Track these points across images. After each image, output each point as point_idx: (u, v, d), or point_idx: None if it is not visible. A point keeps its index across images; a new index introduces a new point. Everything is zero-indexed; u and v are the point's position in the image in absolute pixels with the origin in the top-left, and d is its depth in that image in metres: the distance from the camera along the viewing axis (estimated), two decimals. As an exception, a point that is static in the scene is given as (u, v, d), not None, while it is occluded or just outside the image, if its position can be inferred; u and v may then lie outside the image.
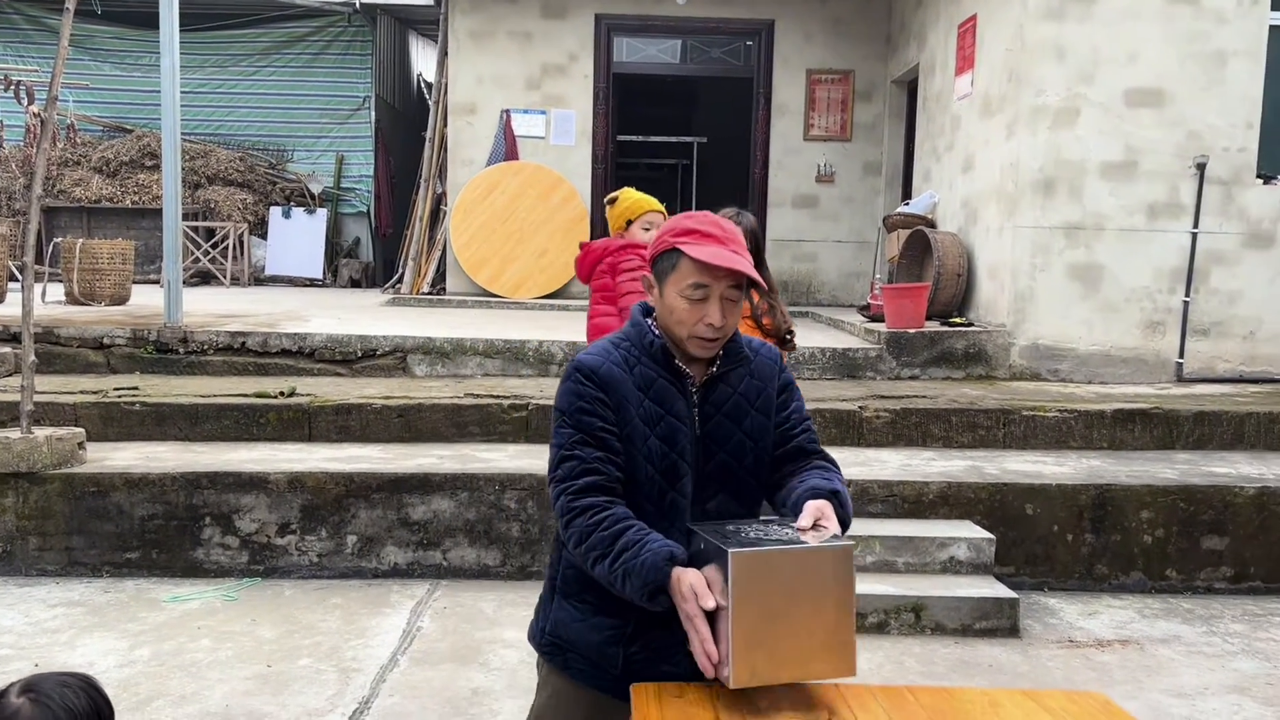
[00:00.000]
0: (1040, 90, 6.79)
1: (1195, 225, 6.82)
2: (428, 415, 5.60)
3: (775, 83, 10.21)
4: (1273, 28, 6.84)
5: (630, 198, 3.82)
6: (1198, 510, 5.04)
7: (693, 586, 1.66)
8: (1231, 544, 5.05)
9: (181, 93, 6.69)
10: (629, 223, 3.81)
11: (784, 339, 3.32)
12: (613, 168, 10.34)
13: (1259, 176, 6.90)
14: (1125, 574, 5.05)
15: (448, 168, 10.15)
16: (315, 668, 3.88)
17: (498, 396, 5.78)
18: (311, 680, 3.77)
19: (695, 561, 1.75)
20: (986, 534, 4.81)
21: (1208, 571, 5.06)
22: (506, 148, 9.88)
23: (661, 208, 3.76)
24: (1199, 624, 4.63)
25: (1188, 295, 6.84)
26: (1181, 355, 6.87)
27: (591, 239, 10.63)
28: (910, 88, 9.76)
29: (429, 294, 10.01)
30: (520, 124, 9.93)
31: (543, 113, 9.98)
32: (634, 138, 12.52)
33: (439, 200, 10.45)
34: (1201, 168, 6.78)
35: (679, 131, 13.40)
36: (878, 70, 10.19)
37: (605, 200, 3.68)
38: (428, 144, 10.59)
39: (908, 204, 8.74)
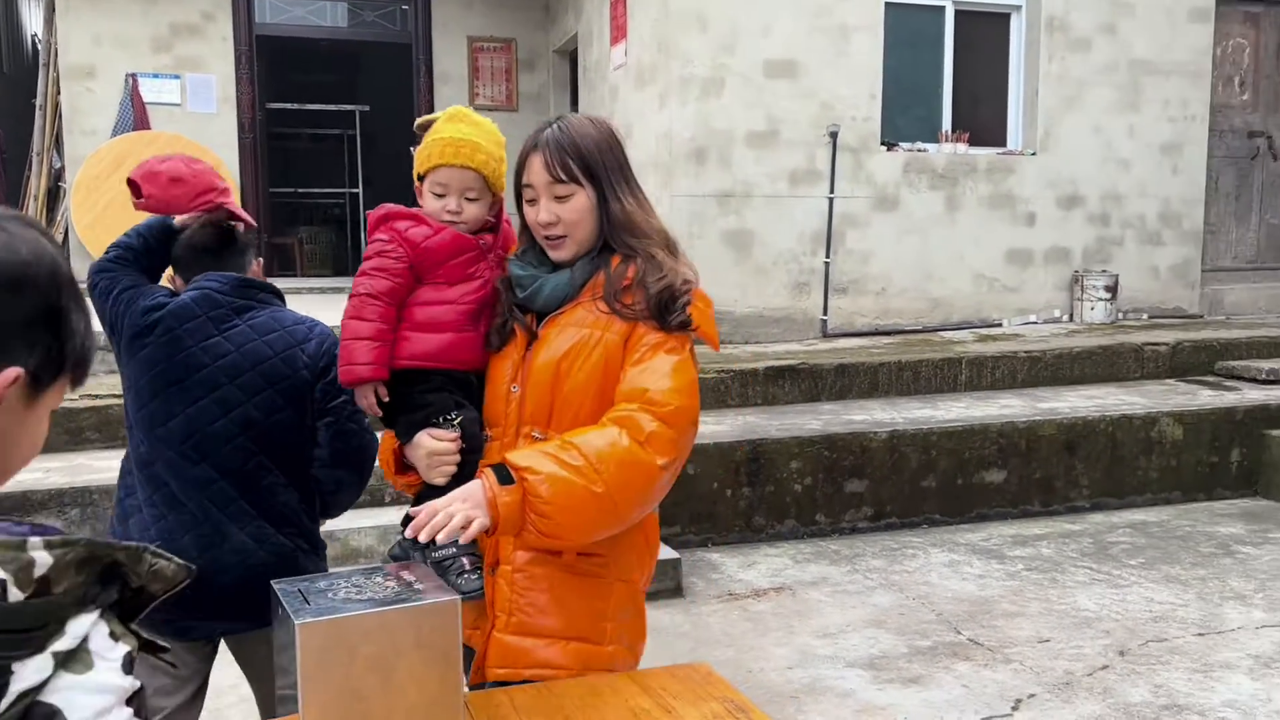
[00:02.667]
0: (688, 61, 6.96)
1: (831, 191, 7.29)
2: (31, 423, 4.85)
3: (436, 50, 9.86)
4: (888, 4, 7.42)
5: (431, 135, 1.97)
6: (840, 456, 5.37)
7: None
8: (870, 485, 5.44)
9: None
10: (420, 178, 2.01)
11: (661, 313, 1.84)
12: (264, 137, 9.56)
13: (883, 144, 7.49)
14: (780, 522, 5.30)
15: (64, 139, 8.95)
16: None
17: (120, 395, 5.11)
18: None
19: (276, 632, 1.53)
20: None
21: (851, 513, 5.42)
22: (135, 116, 8.84)
23: (474, 162, 1.94)
24: (844, 564, 4.94)
25: (828, 257, 7.31)
26: (825, 313, 7.34)
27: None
28: (572, 57, 9.76)
29: (52, 283, 8.81)
30: (150, 89, 8.92)
31: (176, 77, 9.02)
32: (288, 105, 11.68)
33: (57, 176, 9.21)
34: (834, 136, 7.25)
35: (343, 100, 12.68)
36: (539, 39, 10.11)
37: (416, 126, 2.05)
38: (39, 113, 9.29)
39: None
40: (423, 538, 1.56)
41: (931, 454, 5.51)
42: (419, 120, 2.02)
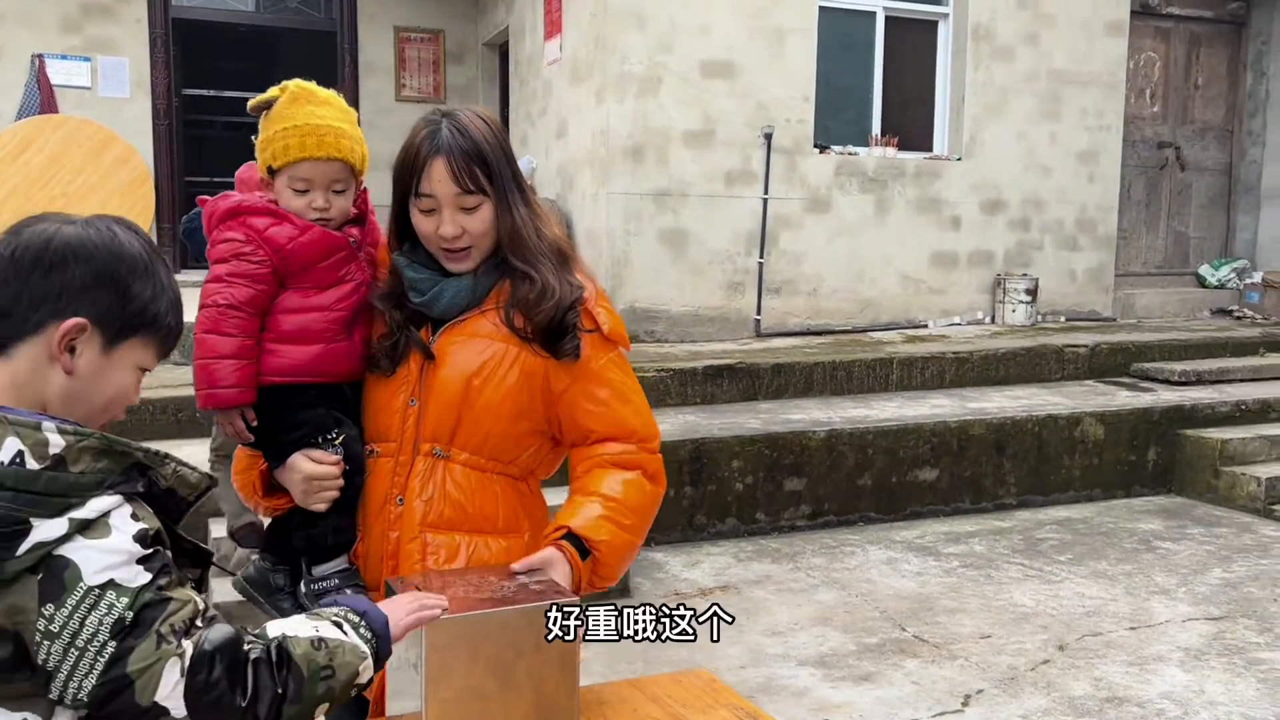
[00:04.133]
0: (625, 58, 6.93)
1: (765, 191, 7.35)
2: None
3: (361, 39, 9.66)
4: (822, 9, 7.50)
5: (280, 124, 1.77)
6: (780, 455, 5.42)
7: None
8: (809, 483, 5.50)
9: None
10: (272, 171, 1.80)
11: (548, 341, 1.72)
12: (180, 124, 9.23)
13: (816, 146, 7.57)
14: (721, 521, 5.32)
15: (-35, 121, 8.50)
16: None
17: None
18: None
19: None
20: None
21: (790, 511, 5.47)
22: (42, 99, 8.44)
23: (339, 152, 1.76)
24: (786, 562, 4.98)
25: (762, 257, 7.37)
26: (759, 312, 7.40)
27: (159, 205, 9.51)
28: (502, 50, 9.65)
29: (-51, 272, 8.34)
30: (58, 72, 8.52)
31: (87, 59, 8.63)
32: (205, 91, 11.30)
33: (-44, 160, 8.73)
34: (769, 137, 7.31)
35: (263, 88, 12.23)
36: (469, 31, 9.97)
37: (250, 106, 1.82)
38: (-64, 92, 8.80)
39: (505, 169, 8.64)
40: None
41: (868, 453, 5.60)
42: (253, 102, 1.77)
